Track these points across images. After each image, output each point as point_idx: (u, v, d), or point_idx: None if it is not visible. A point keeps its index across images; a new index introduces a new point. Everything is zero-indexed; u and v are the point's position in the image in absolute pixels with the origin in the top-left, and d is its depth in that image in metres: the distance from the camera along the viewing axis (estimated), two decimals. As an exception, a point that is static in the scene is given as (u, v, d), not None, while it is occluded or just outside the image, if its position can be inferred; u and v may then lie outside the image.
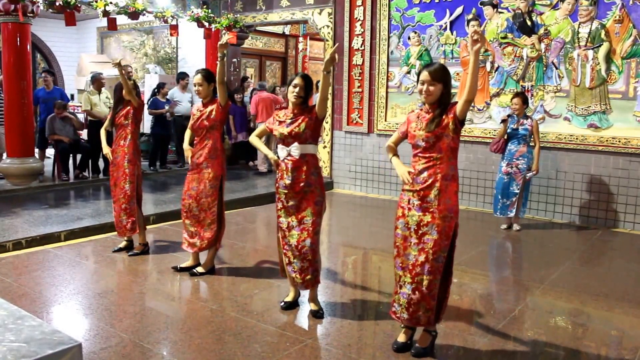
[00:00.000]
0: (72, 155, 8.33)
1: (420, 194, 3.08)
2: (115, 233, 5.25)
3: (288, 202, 3.71)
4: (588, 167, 6.59)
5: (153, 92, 9.42)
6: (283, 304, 3.88)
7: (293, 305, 3.88)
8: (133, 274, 4.64)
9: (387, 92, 8.08)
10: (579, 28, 6.54)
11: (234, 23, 9.44)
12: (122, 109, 5.04)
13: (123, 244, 5.18)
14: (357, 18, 8.21)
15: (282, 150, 3.70)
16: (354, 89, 8.36)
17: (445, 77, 3.05)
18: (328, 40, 8.56)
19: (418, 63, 7.73)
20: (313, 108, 3.67)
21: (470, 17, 7.26)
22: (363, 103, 8.29)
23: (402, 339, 3.27)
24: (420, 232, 3.08)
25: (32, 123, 7.70)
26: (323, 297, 4.07)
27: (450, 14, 7.45)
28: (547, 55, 6.80)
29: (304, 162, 3.66)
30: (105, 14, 7.76)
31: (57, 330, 1.68)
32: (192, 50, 10.94)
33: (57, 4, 7.15)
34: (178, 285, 4.41)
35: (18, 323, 1.71)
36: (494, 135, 6.56)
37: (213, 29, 9.27)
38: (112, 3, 7.66)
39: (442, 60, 7.46)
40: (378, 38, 8.03)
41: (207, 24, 9.16)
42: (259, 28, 10.96)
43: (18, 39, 7.31)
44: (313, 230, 3.67)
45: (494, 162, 6.89)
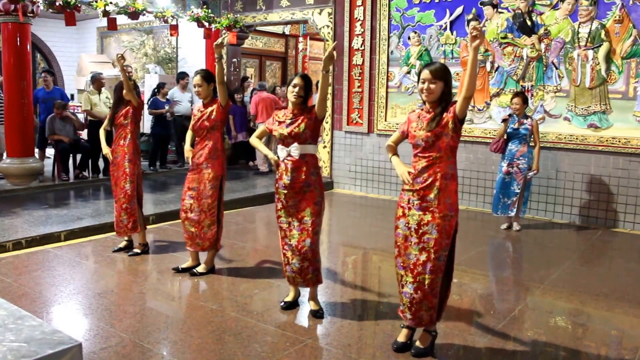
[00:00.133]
0: (72, 155, 8.33)
1: (420, 194, 3.08)
2: (115, 233, 5.25)
3: (288, 202, 3.71)
4: (588, 167, 6.59)
5: (153, 92, 9.41)
6: (283, 304, 3.88)
7: (293, 305, 3.88)
8: (133, 274, 4.64)
9: (387, 92, 8.08)
10: (579, 28, 6.54)
11: (234, 23, 9.44)
12: (121, 109, 5.04)
13: (123, 244, 5.18)
14: (357, 18, 8.21)
15: (281, 151, 3.70)
16: (354, 89, 8.36)
17: (446, 75, 3.06)
18: (328, 40, 8.55)
19: (418, 63, 7.73)
20: (312, 108, 3.67)
21: (470, 17, 7.26)
22: (363, 103, 8.29)
23: (402, 339, 3.27)
24: (421, 231, 3.08)
25: (32, 123, 7.70)
26: (323, 297, 4.07)
27: (450, 14, 7.45)
28: (547, 55, 6.80)
29: (304, 162, 3.66)
30: (105, 14, 7.76)
31: (57, 330, 1.68)
32: (192, 50, 10.94)
33: (57, 4, 7.15)
34: (178, 285, 4.41)
35: (18, 323, 1.71)
36: (494, 135, 6.56)
37: (213, 29, 9.27)
38: (112, 3, 7.66)
39: (442, 60, 7.46)
40: (378, 38, 8.03)
41: (207, 24, 9.16)
42: (259, 28, 10.97)
43: (18, 39, 7.31)
44: (313, 230, 3.67)
45: (494, 162, 6.89)
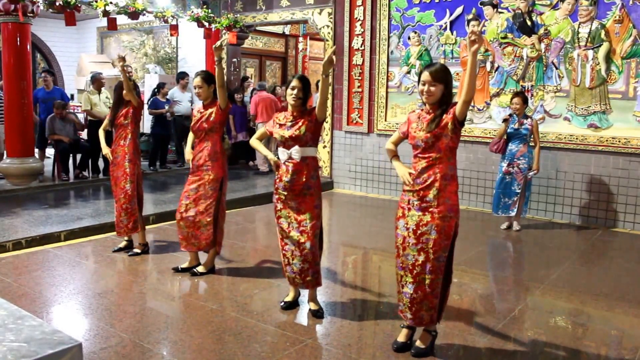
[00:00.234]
0: (72, 155, 8.33)
1: (420, 194, 3.09)
2: (115, 233, 5.25)
3: (288, 203, 3.71)
4: (588, 167, 6.59)
5: (153, 92, 9.42)
6: (283, 304, 3.88)
7: (293, 305, 3.88)
8: (133, 274, 4.64)
9: (387, 92, 8.08)
10: (579, 28, 6.54)
11: (234, 23, 9.44)
12: (121, 109, 5.03)
13: (123, 244, 5.18)
14: (357, 18, 8.21)
15: (282, 153, 3.70)
16: (354, 89, 8.36)
17: (446, 77, 3.05)
18: (328, 40, 8.56)
19: (418, 63, 7.73)
20: (313, 110, 3.67)
21: (470, 17, 7.26)
22: (363, 103, 8.29)
23: (402, 339, 3.28)
24: (419, 232, 3.08)
25: (32, 123, 7.70)
26: (323, 297, 4.07)
27: (450, 14, 7.45)
28: (547, 55, 6.80)
29: (305, 164, 3.66)
30: (105, 14, 7.76)
31: (57, 330, 1.68)
32: (192, 50, 10.94)
33: (57, 4, 7.15)
34: (178, 285, 4.41)
35: (18, 323, 1.71)
36: (494, 135, 6.56)
37: (213, 29, 9.27)
38: (112, 3, 7.66)
39: (442, 60, 7.46)
40: (378, 38, 8.03)
41: (207, 24, 9.16)
42: (259, 28, 10.97)
43: (18, 39, 7.31)
44: (312, 233, 3.67)
45: (494, 162, 6.89)
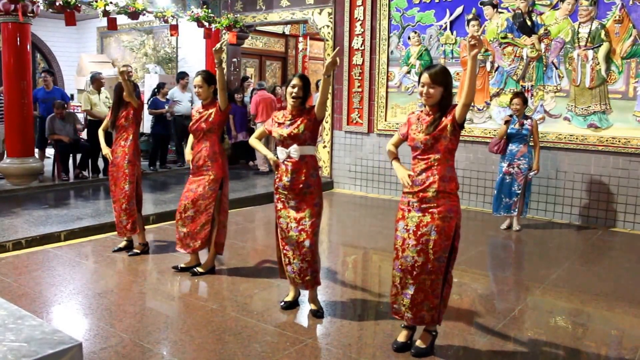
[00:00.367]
0: (72, 155, 8.33)
1: (419, 196, 3.09)
2: (115, 233, 5.26)
3: (288, 202, 3.71)
4: (588, 167, 6.59)
5: (153, 92, 9.42)
6: (283, 304, 3.88)
7: (293, 305, 3.88)
8: (133, 274, 4.64)
9: (387, 92, 8.08)
10: (579, 28, 6.54)
11: (234, 23, 9.44)
12: (122, 111, 5.03)
13: (123, 244, 5.18)
14: (357, 18, 8.21)
15: (281, 152, 3.70)
16: (354, 89, 8.36)
17: (446, 79, 3.05)
18: (328, 40, 8.55)
19: (418, 63, 7.73)
20: (312, 109, 3.67)
21: (470, 17, 7.26)
22: (363, 103, 8.29)
23: (402, 339, 3.28)
24: (419, 233, 3.08)
25: (32, 123, 7.71)
26: (323, 297, 4.07)
27: (450, 14, 7.45)
28: (547, 55, 6.80)
29: (304, 163, 3.66)
30: (105, 14, 7.76)
31: (57, 330, 1.68)
32: (192, 50, 10.94)
33: (57, 4, 7.15)
34: (178, 285, 4.41)
35: (18, 323, 1.71)
36: (494, 135, 6.56)
37: (213, 29, 9.27)
38: (112, 3, 7.66)
39: (442, 60, 7.47)
40: (378, 38, 8.03)
41: (207, 24, 9.16)
42: (259, 28, 10.97)
43: (18, 39, 7.31)
44: (312, 232, 3.67)
45: (494, 162, 6.89)
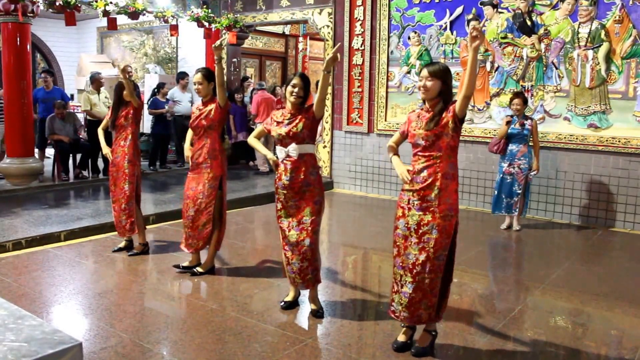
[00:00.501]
0: (72, 155, 8.33)
1: (421, 194, 3.08)
2: (116, 233, 5.26)
3: (288, 202, 3.71)
4: (588, 167, 6.59)
5: (153, 92, 9.42)
6: (283, 304, 3.88)
7: (293, 305, 3.88)
8: (133, 274, 4.64)
9: (387, 92, 8.08)
10: (579, 28, 6.54)
11: (234, 23, 9.44)
12: (122, 110, 5.03)
13: (123, 244, 5.18)
14: (357, 18, 8.21)
15: (280, 151, 3.70)
16: (354, 89, 8.36)
17: (444, 75, 3.06)
18: (328, 40, 8.56)
19: (418, 63, 7.73)
20: (310, 108, 3.67)
21: (470, 17, 7.26)
22: (363, 103, 8.29)
23: (402, 339, 3.28)
24: (421, 231, 3.08)
25: (32, 123, 7.71)
26: (323, 296, 4.07)
27: (450, 14, 7.45)
28: (547, 55, 6.80)
29: (303, 162, 3.66)
30: (105, 14, 7.76)
31: (57, 330, 1.68)
32: (192, 50, 10.94)
33: (57, 4, 7.15)
34: (178, 285, 4.41)
35: (18, 323, 1.71)
36: (494, 135, 6.56)
37: (213, 29, 9.27)
38: (112, 3, 7.66)
39: (442, 60, 7.46)
40: (378, 38, 8.03)
41: (207, 24, 9.16)
42: (259, 28, 10.97)
43: (18, 39, 7.31)
44: (312, 230, 3.67)
45: (494, 162, 6.88)
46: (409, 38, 7.82)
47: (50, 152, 8.71)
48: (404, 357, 3.20)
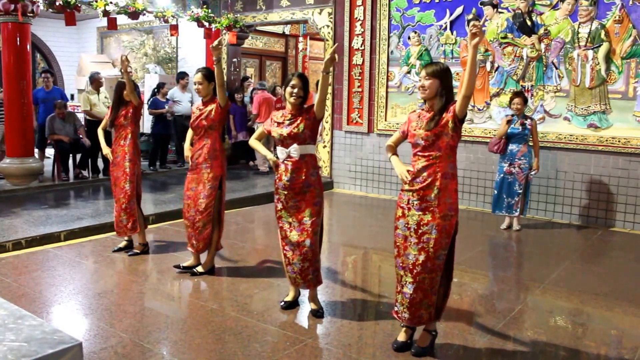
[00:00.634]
0: (72, 155, 8.33)
1: (420, 194, 3.08)
2: (115, 233, 5.26)
3: (288, 202, 3.71)
4: (588, 167, 6.59)
5: (153, 92, 9.42)
6: (283, 304, 3.88)
7: (293, 305, 3.88)
8: (133, 274, 4.64)
9: (387, 92, 8.08)
10: (579, 28, 6.54)
11: (234, 23, 9.44)
12: (122, 109, 5.03)
13: (123, 244, 5.18)
14: (357, 18, 8.21)
15: (281, 152, 3.70)
16: (354, 89, 8.36)
17: (442, 74, 3.06)
18: (328, 40, 8.55)
19: (418, 63, 7.73)
20: (311, 108, 3.67)
21: (470, 17, 7.26)
22: (363, 103, 8.29)
23: (402, 338, 3.28)
24: (420, 231, 3.08)
25: (32, 123, 7.70)
26: (323, 296, 4.07)
27: (450, 14, 7.45)
28: (547, 55, 6.80)
29: (304, 162, 3.66)
30: (105, 14, 7.76)
31: (57, 330, 1.68)
32: (192, 50, 10.94)
33: (57, 4, 7.15)
34: (178, 285, 4.41)
35: (18, 322, 1.71)
36: (494, 135, 6.56)
37: (213, 29, 9.27)
38: (112, 3, 7.66)
39: (442, 60, 7.46)
40: (378, 38, 8.03)
41: (207, 24, 9.16)
42: (259, 28, 10.96)
43: (18, 39, 7.31)
44: (312, 231, 3.67)
45: (494, 162, 6.88)
46: (409, 38, 7.82)
47: (50, 152, 8.71)
48: (404, 357, 3.20)
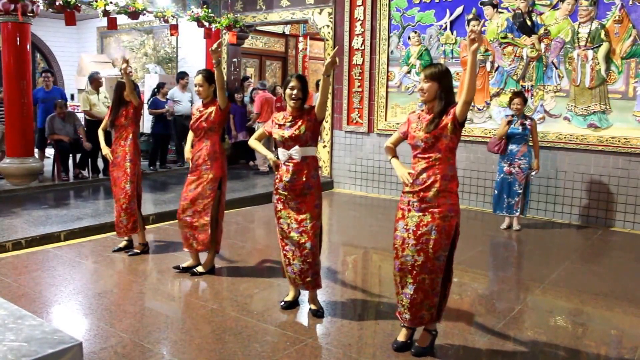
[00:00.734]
0: (71, 155, 8.33)
1: (420, 195, 3.08)
2: (115, 233, 5.26)
3: (288, 203, 3.71)
4: (588, 167, 6.59)
5: (153, 92, 9.42)
6: (283, 304, 3.88)
7: (293, 305, 3.88)
8: (133, 274, 4.64)
9: (387, 91, 8.08)
10: (579, 28, 6.54)
11: (234, 23, 9.44)
12: (122, 110, 5.02)
13: (123, 244, 5.18)
14: (357, 18, 8.21)
15: (282, 154, 3.69)
16: (354, 89, 8.36)
17: (440, 76, 3.04)
18: (328, 40, 8.55)
19: (418, 63, 7.73)
20: (312, 109, 3.67)
21: (470, 17, 7.26)
22: (363, 103, 8.29)
23: (402, 338, 3.28)
24: (419, 232, 3.08)
25: (32, 123, 7.70)
26: (323, 296, 4.07)
27: (450, 14, 7.45)
28: (547, 55, 6.80)
29: (305, 164, 3.66)
30: (105, 14, 7.76)
31: (57, 330, 1.68)
32: (192, 50, 10.94)
33: (57, 4, 7.14)
34: (178, 285, 4.41)
35: (18, 322, 1.71)
36: (494, 135, 6.56)
37: (213, 29, 9.27)
38: (112, 3, 7.66)
39: (442, 60, 7.46)
40: (378, 38, 8.03)
41: (207, 24, 9.16)
42: (259, 28, 10.97)
43: (18, 39, 7.31)
44: (313, 233, 3.67)
45: (494, 162, 6.88)
46: (409, 38, 7.82)
47: (50, 152, 8.71)
48: (404, 357, 3.20)
